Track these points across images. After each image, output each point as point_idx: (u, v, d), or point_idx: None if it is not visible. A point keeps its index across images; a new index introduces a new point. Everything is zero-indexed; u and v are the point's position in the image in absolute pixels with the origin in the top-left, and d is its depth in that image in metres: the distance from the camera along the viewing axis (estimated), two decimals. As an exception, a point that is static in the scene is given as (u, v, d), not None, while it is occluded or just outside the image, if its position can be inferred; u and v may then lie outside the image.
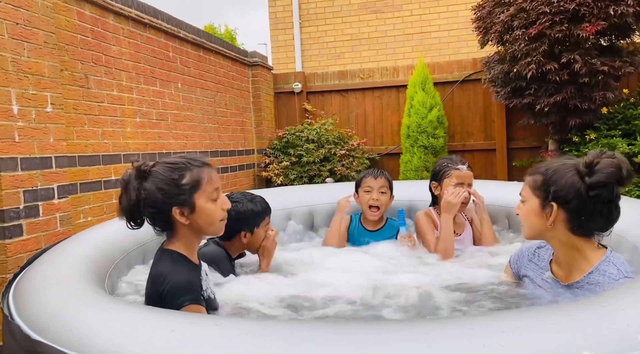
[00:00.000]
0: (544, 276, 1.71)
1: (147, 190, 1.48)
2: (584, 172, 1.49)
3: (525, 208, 1.62)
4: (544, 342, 0.93)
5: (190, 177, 1.52)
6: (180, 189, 1.50)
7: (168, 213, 1.50)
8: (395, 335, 1.00)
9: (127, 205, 1.48)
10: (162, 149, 4.28)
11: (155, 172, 1.50)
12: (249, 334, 1.07)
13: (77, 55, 3.35)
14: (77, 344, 1.09)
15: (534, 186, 1.60)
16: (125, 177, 1.50)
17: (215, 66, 5.28)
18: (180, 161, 1.55)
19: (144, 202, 1.47)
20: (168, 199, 1.49)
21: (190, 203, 1.51)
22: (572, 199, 1.49)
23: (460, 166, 2.59)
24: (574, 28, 4.17)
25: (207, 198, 1.54)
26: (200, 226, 1.55)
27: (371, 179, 2.80)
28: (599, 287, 1.50)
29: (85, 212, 3.40)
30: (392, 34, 8.15)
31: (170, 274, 1.46)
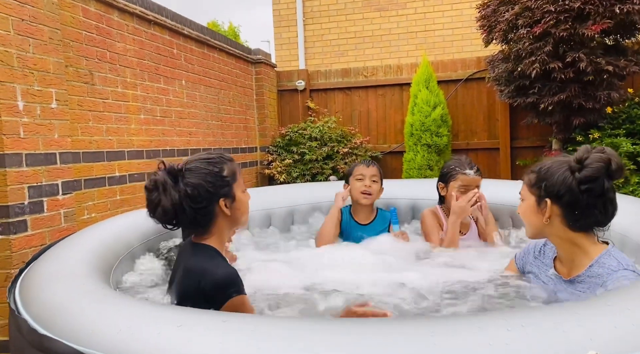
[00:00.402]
0: (548, 273, 1.73)
1: (192, 185, 1.47)
2: (575, 167, 1.53)
3: (524, 206, 1.66)
4: (550, 341, 0.93)
5: (228, 169, 1.57)
6: (224, 181, 1.54)
7: (213, 206, 1.52)
8: (400, 333, 1.00)
9: (171, 205, 1.44)
10: (166, 145, 4.29)
11: (197, 168, 1.51)
12: (256, 331, 1.07)
13: (82, 52, 3.35)
14: (84, 340, 1.09)
15: (529, 184, 1.64)
16: (160, 179, 1.46)
17: (219, 63, 5.28)
18: (213, 155, 1.59)
19: (191, 198, 1.46)
20: (216, 191, 1.51)
21: (232, 194, 1.56)
22: (564, 194, 1.53)
23: (468, 170, 2.57)
24: (579, 27, 4.15)
25: (241, 189, 1.62)
26: (237, 217, 1.60)
27: (363, 167, 2.82)
28: (599, 278, 1.51)
29: (90, 208, 3.41)
30: (396, 31, 8.13)
31: (212, 268, 1.46)
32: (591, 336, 0.93)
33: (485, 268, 1.99)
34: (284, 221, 3.19)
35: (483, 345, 0.93)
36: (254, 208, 3.00)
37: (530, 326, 0.97)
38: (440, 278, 1.85)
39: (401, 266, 2.11)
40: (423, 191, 3.22)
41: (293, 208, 3.25)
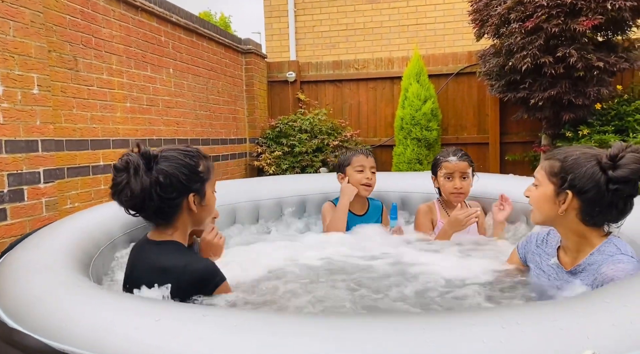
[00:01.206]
0: (549, 262, 1.70)
1: (166, 173, 1.40)
2: (607, 165, 1.46)
3: (538, 192, 1.59)
4: (546, 339, 0.90)
5: (204, 165, 1.52)
6: (199, 176, 1.49)
7: (182, 200, 1.46)
8: (390, 329, 0.96)
9: (140, 190, 1.36)
10: (153, 135, 4.21)
11: (173, 158, 1.45)
12: (237, 325, 1.03)
13: (66, 37, 3.26)
14: (56, 334, 1.04)
15: (550, 171, 1.56)
16: (132, 160, 1.38)
17: (208, 53, 5.19)
18: (190, 148, 1.53)
19: (161, 186, 1.39)
20: (188, 184, 1.45)
21: (203, 191, 1.51)
22: (589, 190, 1.47)
23: (450, 157, 2.57)
24: (570, 22, 4.14)
25: (212, 188, 1.56)
26: (202, 216, 1.54)
27: (363, 157, 2.75)
28: (597, 265, 1.49)
29: (73, 197, 3.33)
30: (387, 24, 8.08)
31: (191, 264, 1.41)
32: (588, 334, 0.90)
33: (484, 261, 1.95)
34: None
35: (477, 342, 0.90)
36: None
37: (525, 323, 0.94)
38: (440, 271, 1.81)
39: (393, 259, 2.07)
40: (413, 184, 3.19)
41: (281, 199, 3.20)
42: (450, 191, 2.56)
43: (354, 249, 2.26)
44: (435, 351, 0.90)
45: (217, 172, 5.27)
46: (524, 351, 0.89)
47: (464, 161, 2.57)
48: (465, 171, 2.57)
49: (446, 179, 2.58)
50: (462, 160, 2.57)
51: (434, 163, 2.70)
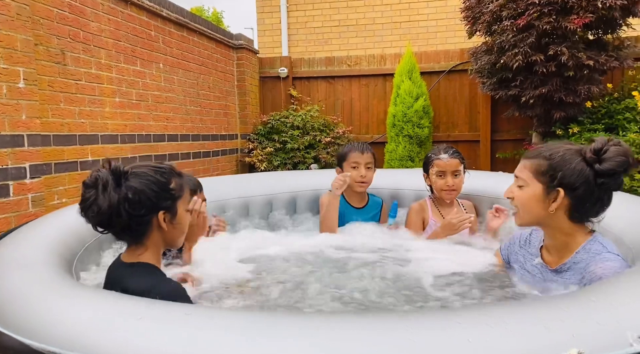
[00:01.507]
0: (533, 262, 1.68)
1: (135, 190, 1.36)
2: (592, 159, 1.45)
3: (525, 193, 1.55)
4: (531, 337, 0.89)
5: (176, 182, 1.47)
6: (169, 193, 1.44)
7: (151, 218, 1.41)
8: (373, 328, 0.95)
9: (107, 207, 1.32)
10: (142, 130, 4.17)
11: (143, 174, 1.41)
12: (221, 325, 1.01)
13: (53, 30, 3.21)
14: (35, 333, 1.02)
15: (537, 170, 1.52)
16: (102, 176, 1.34)
17: (199, 47, 5.15)
18: (163, 165, 1.49)
19: (130, 202, 1.35)
20: (158, 201, 1.41)
21: (174, 209, 1.47)
22: (579, 186, 1.45)
23: (442, 155, 2.57)
24: (562, 20, 4.15)
25: (185, 207, 1.52)
26: (174, 236, 1.49)
27: (358, 154, 2.73)
28: (583, 263, 1.48)
29: (60, 193, 3.29)
30: (380, 21, 8.06)
31: (158, 286, 1.36)
32: (573, 332, 0.89)
33: (473, 260, 1.94)
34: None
35: (462, 341, 0.88)
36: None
37: (511, 321, 0.93)
38: (427, 270, 1.80)
39: (381, 257, 2.06)
40: (404, 181, 3.18)
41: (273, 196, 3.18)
42: (442, 189, 2.56)
43: (343, 247, 2.25)
44: (420, 350, 0.89)
45: (207, 169, 5.26)
46: (510, 349, 0.88)
47: (455, 158, 2.57)
48: (457, 169, 2.56)
49: (438, 177, 2.57)
50: (454, 157, 2.57)
51: (425, 161, 2.70)
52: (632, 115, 4.62)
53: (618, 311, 0.97)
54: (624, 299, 1.02)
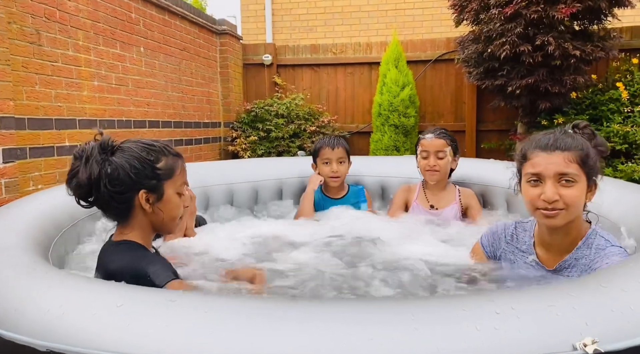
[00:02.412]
0: (527, 260, 1.58)
1: (115, 165, 1.31)
2: (590, 138, 1.45)
3: (579, 189, 1.38)
4: (542, 325, 0.84)
5: (166, 162, 1.39)
6: (154, 173, 1.36)
7: (132, 196, 1.34)
8: (377, 316, 0.89)
9: (87, 179, 1.28)
10: (122, 116, 4.03)
11: (128, 149, 1.35)
12: (208, 311, 0.94)
13: (28, 8, 3.06)
14: (4, 321, 0.93)
15: (582, 162, 1.38)
16: (87, 148, 1.31)
17: (181, 32, 5.00)
18: (156, 143, 1.41)
19: (109, 178, 1.30)
20: (138, 179, 1.33)
21: (160, 190, 1.38)
22: (598, 169, 1.44)
23: (427, 134, 2.53)
24: (549, 9, 4.13)
25: (175, 190, 1.43)
26: (161, 219, 1.40)
27: (329, 150, 2.75)
28: (586, 259, 1.43)
29: (35, 179, 3.16)
30: (366, 9, 7.97)
31: (136, 264, 1.31)
32: (586, 320, 0.85)
33: (463, 251, 1.88)
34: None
35: (470, 329, 0.83)
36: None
37: (520, 308, 0.87)
38: (419, 256, 1.74)
39: (369, 243, 2.01)
40: (392, 168, 3.14)
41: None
42: (425, 169, 2.52)
43: (328, 232, 2.19)
44: (426, 338, 0.83)
45: (190, 157, 5.13)
46: (520, 338, 0.83)
47: (440, 138, 2.51)
48: (441, 149, 2.49)
49: (422, 157, 2.54)
50: (439, 137, 2.51)
51: (415, 144, 2.67)
52: (615, 106, 4.64)
53: (631, 297, 0.92)
54: (635, 285, 0.97)
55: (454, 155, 2.55)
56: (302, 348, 0.83)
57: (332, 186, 2.80)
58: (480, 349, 0.81)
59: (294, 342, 0.84)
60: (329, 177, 2.74)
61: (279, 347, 0.83)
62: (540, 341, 0.82)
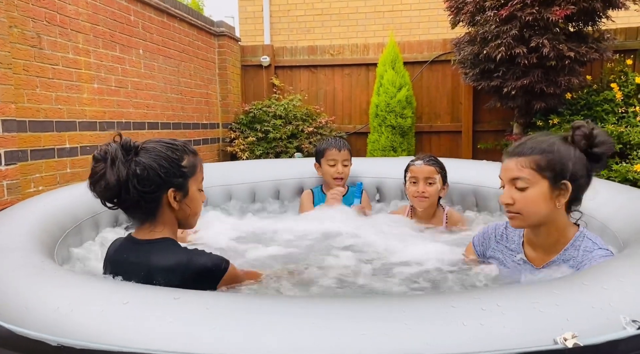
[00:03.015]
0: (515, 258, 1.62)
1: (144, 165, 1.33)
2: (585, 144, 1.41)
3: (531, 194, 1.42)
4: (525, 321, 0.89)
5: (188, 160, 1.44)
6: (180, 171, 1.40)
7: (160, 195, 1.37)
8: (368, 312, 0.94)
9: (116, 181, 1.29)
10: (121, 118, 4.08)
11: (154, 149, 1.38)
12: (211, 308, 0.99)
13: (29, 13, 3.10)
14: (16, 318, 0.98)
15: (539, 167, 1.42)
16: (110, 150, 1.32)
17: (179, 34, 5.05)
18: (176, 141, 1.45)
19: (138, 178, 1.31)
20: (167, 178, 1.36)
21: (185, 188, 1.42)
22: (582, 175, 1.41)
23: (417, 161, 2.50)
24: (544, 11, 4.18)
25: (197, 186, 1.48)
26: (186, 215, 1.45)
27: (335, 151, 2.81)
28: (573, 260, 1.46)
29: (37, 181, 3.20)
30: (363, 10, 8.02)
31: (191, 258, 1.35)
32: (567, 316, 0.89)
33: (451, 251, 1.93)
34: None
35: (457, 325, 0.88)
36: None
37: (505, 305, 0.92)
38: (407, 256, 1.80)
39: (357, 242, 2.06)
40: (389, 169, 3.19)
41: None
42: (413, 195, 2.46)
43: (315, 230, 2.25)
44: (416, 333, 0.88)
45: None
46: (504, 333, 0.88)
47: (430, 165, 2.46)
48: (432, 176, 2.44)
49: (411, 183, 2.48)
50: (428, 164, 2.46)
51: (405, 169, 2.60)
52: (610, 106, 4.70)
53: (611, 294, 0.97)
54: (616, 283, 1.02)
55: (442, 183, 2.49)
56: (298, 343, 0.88)
57: (334, 187, 2.84)
58: (467, 344, 0.86)
59: (290, 337, 0.89)
60: (334, 178, 2.80)
61: (277, 341, 0.88)
62: (523, 336, 0.87)
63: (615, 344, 0.87)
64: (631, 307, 0.94)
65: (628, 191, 1.90)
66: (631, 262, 1.17)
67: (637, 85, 4.73)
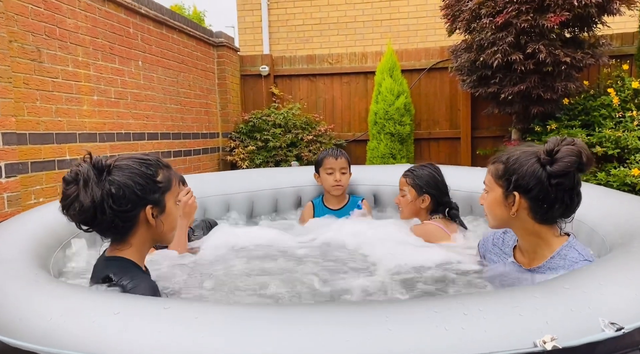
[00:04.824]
0: (506, 261, 1.70)
1: (119, 184, 1.29)
2: (545, 160, 1.46)
3: (489, 198, 1.59)
4: (506, 325, 0.91)
5: (163, 175, 1.41)
6: (156, 186, 1.37)
7: (138, 213, 1.35)
8: (352, 318, 0.96)
9: (90, 203, 1.25)
10: (121, 129, 4.12)
11: (127, 166, 1.34)
12: (199, 318, 1.01)
13: (28, 27, 3.15)
14: (9, 328, 1.00)
15: (496, 175, 1.56)
16: (82, 171, 1.28)
17: (178, 45, 5.10)
18: (148, 156, 1.42)
19: (114, 198, 1.28)
20: (144, 195, 1.33)
21: (162, 203, 1.40)
22: (533, 188, 1.47)
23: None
24: (539, 18, 4.22)
25: (173, 200, 1.46)
26: (163, 231, 1.42)
27: (332, 159, 2.87)
28: (560, 270, 1.49)
29: (37, 193, 3.23)
30: (361, 19, 8.08)
31: (125, 286, 1.29)
32: (547, 319, 0.91)
33: (441, 251, 1.96)
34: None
35: (439, 329, 0.90)
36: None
37: (486, 310, 0.94)
38: (398, 260, 1.82)
39: (355, 248, 2.08)
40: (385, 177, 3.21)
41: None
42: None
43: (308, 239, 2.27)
44: (399, 338, 0.89)
45: (189, 167, 5.22)
46: (485, 337, 0.89)
47: (403, 176, 2.52)
48: (402, 187, 2.50)
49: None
50: (403, 176, 2.52)
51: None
52: (607, 111, 4.72)
53: (590, 298, 0.99)
54: (596, 287, 1.04)
55: (418, 195, 2.45)
56: (285, 349, 0.89)
57: (334, 195, 2.89)
58: (449, 349, 0.87)
59: (277, 343, 0.90)
60: (332, 186, 2.85)
61: (264, 348, 0.90)
62: (504, 340, 0.89)
63: (593, 346, 0.88)
64: (610, 310, 0.96)
65: (616, 196, 1.92)
66: (611, 266, 1.18)
67: (633, 90, 4.75)
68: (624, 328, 0.91)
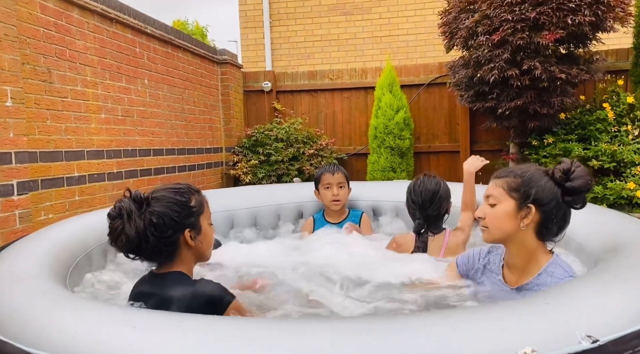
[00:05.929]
0: (494, 279, 1.75)
1: (158, 214, 1.44)
2: (562, 178, 1.55)
3: (498, 210, 1.60)
4: (490, 337, 0.99)
5: (195, 199, 1.56)
6: (191, 211, 1.52)
7: (177, 237, 1.49)
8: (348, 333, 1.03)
9: (135, 234, 1.41)
10: (127, 145, 4.23)
11: (163, 197, 1.49)
12: (212, 332, 1.09)
13: (40, 49, 3.27)
14: (35, 341, 1.08)
15: (509, 187, 1.59)
16: (124, 206, 1.43)
17: (183, 63, 5.23)
18: (180, 185, 1.57)
19: (156, 226, 1.43)
20: (181, 220, 1.48)
21: (198, 225, 1.55)
22: (549, 202, 1.54)
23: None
24: (534, 36, 4.33)
25: (207, 221, 1.61)
26: (202, 250, 1.58)
27: (329, 175, 2.95)
28: (545, 286, 1.56)
29: (47, 209, 3.33)
30: (361, 36, 8.24)
31: (198, 289, 1.45)
32: (529, 332, 0.99)
33: (429, 267, 2.04)
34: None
35: (430, 342, 0.98)
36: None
37: (473, 324, 1.02)
38: (387, 276, 1.89)
39: (345, 263, 2.15)
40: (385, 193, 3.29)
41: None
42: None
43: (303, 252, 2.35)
44: (391, 351, 0.97)
45: (193, 182, 5.31)
46: (471, 350, 0.97)
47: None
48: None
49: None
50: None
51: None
52: (603, 126, 4.82)
53: (569, 312, 1.07)
54: (574, 301, 1.12)
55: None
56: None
57: (333, 210, 2.97)
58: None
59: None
60: (331, 201, 2.93)
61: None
62: (488, 352, 0.97)
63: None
64: (587, 323, 1.04)
65: (605, 213, 2.00)
66: (591, 282, 1.27)
67: (628, 105, 4.85)
68: (599, 340, 0.99)
